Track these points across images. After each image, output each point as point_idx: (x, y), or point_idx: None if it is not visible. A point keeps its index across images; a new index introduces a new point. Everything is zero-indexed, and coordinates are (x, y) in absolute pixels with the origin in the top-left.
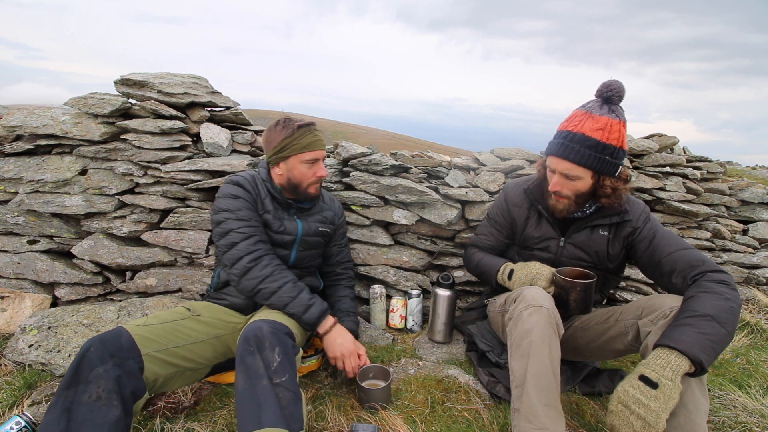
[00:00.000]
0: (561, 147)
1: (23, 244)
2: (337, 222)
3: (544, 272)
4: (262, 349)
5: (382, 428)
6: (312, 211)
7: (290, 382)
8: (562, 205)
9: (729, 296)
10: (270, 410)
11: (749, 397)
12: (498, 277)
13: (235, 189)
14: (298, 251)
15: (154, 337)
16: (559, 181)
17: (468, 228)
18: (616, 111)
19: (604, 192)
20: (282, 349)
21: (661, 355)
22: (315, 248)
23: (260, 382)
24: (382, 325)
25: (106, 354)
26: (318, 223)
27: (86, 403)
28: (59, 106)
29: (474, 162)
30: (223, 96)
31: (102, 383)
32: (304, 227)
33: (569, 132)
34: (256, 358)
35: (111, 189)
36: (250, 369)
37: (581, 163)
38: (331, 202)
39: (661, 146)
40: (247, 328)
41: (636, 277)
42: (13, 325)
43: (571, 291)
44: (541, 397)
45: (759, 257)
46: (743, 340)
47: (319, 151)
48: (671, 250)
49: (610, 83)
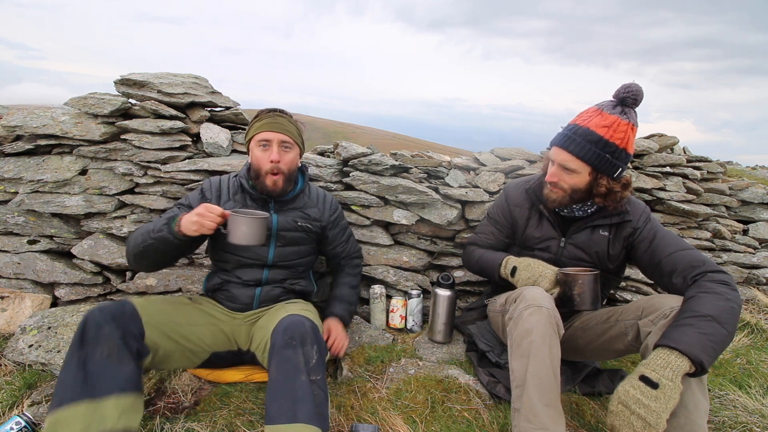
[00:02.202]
0: (564, 138)
1: (23, 244)
2: (325, 220)
3: (547, 274)
4: (304, 344)
5: (382, 428)
6: (292, 205)
7: (323, 382)
8: (556, 195)
9: (729, 296)
10: (306, 407)
11: (749, 397)
12: (500, 271)
13: (193, 194)
14: (276, 247)
15: (155, 310)
16: (556, 171)
17: (468, 228)
18: (629, 113)
19: (598, 191)
20: (319, 348)
21: (662, 356)
22: (297, 244)
23: (300, 377)
24: (382, 325)
25: (109, 317)
26: (297, 217)
27: (99, 359)
28: (59, 106)
29: (474, 162)
30: (223, 96)
31: (110, 341)
32: (279, 220)
33: (576, 125)
34: (298, 352)
35: (111, 189)
36: (289, 362)
37: (579, 156)
38: (320, 200)
39: (661, 146)
40: (287, 320)
41: (636, 277)
42: (13, 325)
43: (574, 285)
44: (541, 397)
45: (759, 257)
46: (743, 340)
47: (272, 132)
48: (671, 250)
49: (629, 85)
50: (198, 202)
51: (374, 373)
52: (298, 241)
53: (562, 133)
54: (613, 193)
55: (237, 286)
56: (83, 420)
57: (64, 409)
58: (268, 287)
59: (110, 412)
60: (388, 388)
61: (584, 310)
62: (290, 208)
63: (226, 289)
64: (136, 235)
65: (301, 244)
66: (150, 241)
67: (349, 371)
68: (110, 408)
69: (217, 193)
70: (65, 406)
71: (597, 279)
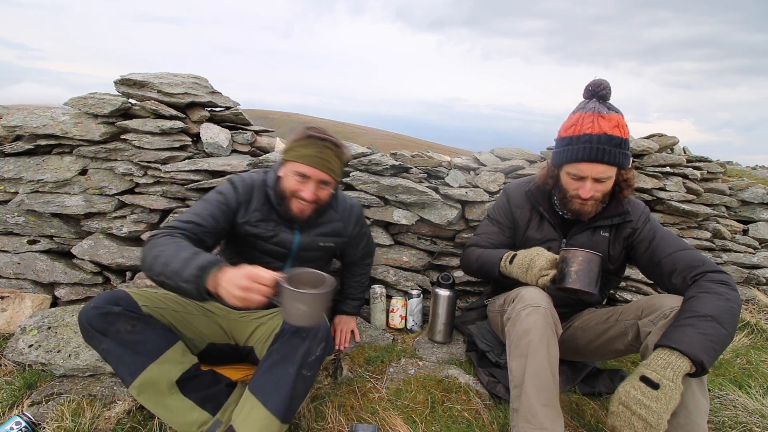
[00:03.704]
0: (591, 151)
1: (23, 244)
2: (347, 233)
3: (545, 254)
4: (313, 337)
5: (382, 428)
6: (317, 222)
7: (311, 379)
8: (591, 207)
9: (729, 297)
10: (278, 397)
11: (749, 397)
12: (501, 264)
13: (226, 187)
14: (292, 264)
15: (149, 297)
16: (592, 186)
17: (468, 228)
18: (614, 107)
19: (628, 184)
20: (323, 348)
21: (662, 356)
22: (313, 262)
23: (291, 367)
24: (382, 325)
25: (109, 303)
26: (321, 236)
27: (128, 335)
28: (59, 106)
29: (474, 162)
30: (223, 96)
31: (123, 319)
32: (302, 241)
33: (591, 135)
34: (305, 343)
35: (111, 189)
36: (291, 349)
37: (612, 163)
38: (345, 212)
39: (661, 146)
40: None
41: (636, 277)
42: (13, 325)
43: (573, 261)
44: (539, 397)
45: (759, 257)
46: (743, 340)
47: (314, 168)
48: (671, 250)
49: (600, 82)
50: (233, 202)
51: (374, 373)
52: (315, 259)
53: (580, 147)
54: (630, 180)
55: None
56: (158, 374)
57: (143, 374)
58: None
59: (174, 360)
60: (388, 388)
61: (578, 288)
62: (315, 225)
63: None
64: (154, 257)
65: (318, 260)
66: (170, 284)
67: (349, 371)
68: (172, 358)
69: (247, 197)
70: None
71: (599, 262)
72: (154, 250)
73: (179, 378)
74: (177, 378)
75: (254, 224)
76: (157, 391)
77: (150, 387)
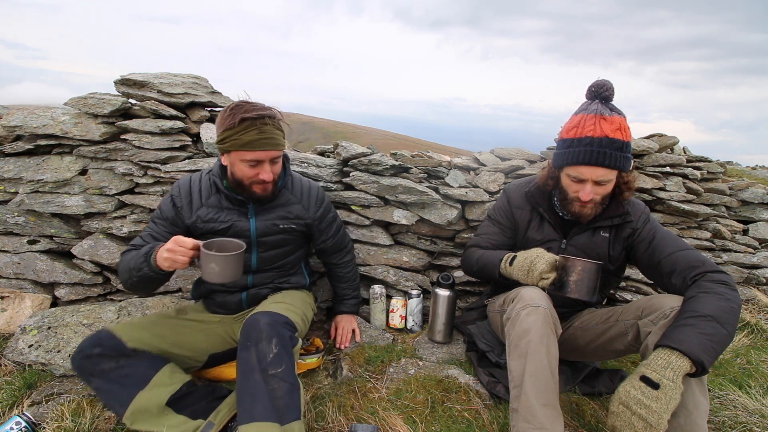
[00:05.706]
0: (592, 154)
1: (23, 244)
2: (309, 217)
3: (545, 256)
4: (258, 341)
5: (382, 428)
6: (273, 204)
7: (286, 373)
8: (590, 209)
9: (729, 297)
10: (261, 404)
11: (749, 397)
12: (501, 266)
13: (163, 199)
14: (258, 253)
15: (136, 327)
16: (592, 189)
17: (468, 228)
18: (616, 108)
19: (629, 187)
20: (279, 341)
21: (662, 356)
22: (281, 246)
23: (252, 376)
24: (382, 325)
25: (91, 346)
26: (279, 219)
27: (113, 374)
28: (59, 106)
29: (474, 162)
30: (223, 96)
31: (106, 359)
32: (258, 226)
33: (593, 138)
34: (251, 351)
35: (111, 189)
36: (245, 363)
37: (613, 166)
38: (304, 195)
39: (661, 146)
40: (245, 322)
41: (636, 277)
42: (13, 325)
43: (572, 270)
44: (539, 397)
45: (759, 257)
46: (743, 340)
47: (264, 151)
48: (671, 250)
49: (603, 83)
50: (171, 212)
51: (374, 373)
52: (281, 243)
53: (581, 150)
54: (631, 182)
55: (222, 294)
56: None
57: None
58: (255, 290)
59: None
60: (388, 388)
61: (578, 298)
62: (271, 208)
63: (212, 297)
64: (122, 269)
65: (286, 245)
66: (135, 279)
67: (349, 371)
68: (159, 382)
69: (188, 199)
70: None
71: (598, 270)
72: (120, 266)
73: (169, 400)
74: (166, 401)
75: (206, 220)
76: (149, 416)
77: (141, 414)
